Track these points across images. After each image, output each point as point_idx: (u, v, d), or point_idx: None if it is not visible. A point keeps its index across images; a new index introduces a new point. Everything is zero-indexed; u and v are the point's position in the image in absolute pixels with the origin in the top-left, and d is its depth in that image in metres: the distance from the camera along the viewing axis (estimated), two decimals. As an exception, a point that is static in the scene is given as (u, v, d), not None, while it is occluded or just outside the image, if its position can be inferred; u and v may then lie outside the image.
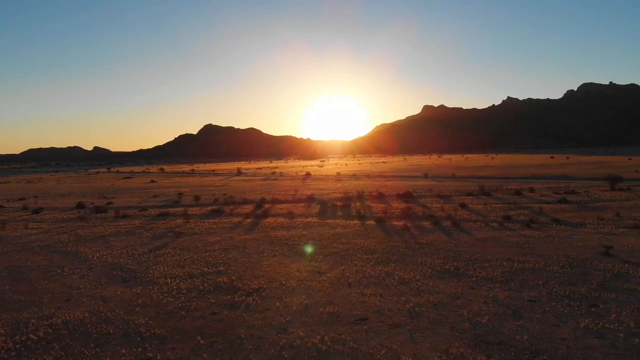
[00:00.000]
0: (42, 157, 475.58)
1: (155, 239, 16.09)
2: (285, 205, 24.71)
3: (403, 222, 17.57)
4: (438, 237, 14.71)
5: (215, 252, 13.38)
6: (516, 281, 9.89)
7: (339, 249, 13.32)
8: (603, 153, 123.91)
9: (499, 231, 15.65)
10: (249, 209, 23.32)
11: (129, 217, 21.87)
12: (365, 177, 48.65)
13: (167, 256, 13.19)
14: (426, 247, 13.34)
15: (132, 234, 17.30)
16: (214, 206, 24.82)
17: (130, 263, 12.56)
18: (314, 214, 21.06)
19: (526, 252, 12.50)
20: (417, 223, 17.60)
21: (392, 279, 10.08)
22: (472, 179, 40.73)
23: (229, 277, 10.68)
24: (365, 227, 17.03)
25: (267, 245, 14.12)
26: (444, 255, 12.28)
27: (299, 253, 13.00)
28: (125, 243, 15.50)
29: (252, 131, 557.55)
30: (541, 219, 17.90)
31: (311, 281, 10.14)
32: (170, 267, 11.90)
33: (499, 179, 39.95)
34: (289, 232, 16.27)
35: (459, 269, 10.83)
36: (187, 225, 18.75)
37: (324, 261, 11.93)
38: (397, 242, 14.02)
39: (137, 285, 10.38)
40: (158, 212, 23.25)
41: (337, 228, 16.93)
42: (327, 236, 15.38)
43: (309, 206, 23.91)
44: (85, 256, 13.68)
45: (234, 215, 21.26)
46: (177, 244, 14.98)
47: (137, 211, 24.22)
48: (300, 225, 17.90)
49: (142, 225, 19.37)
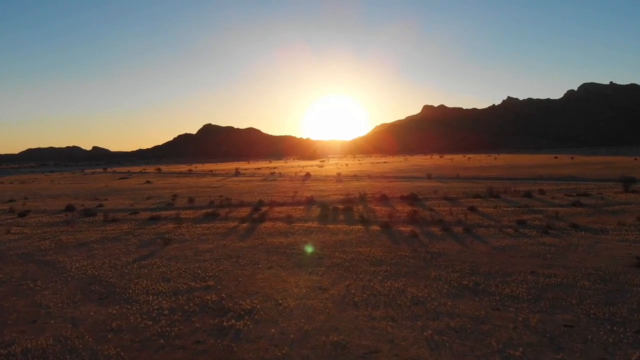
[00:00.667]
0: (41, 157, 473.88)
1: (142, 246, 14.83)
2: (283, 208, 23.46)
3: (410, 228, 16.32)
4: (450, 246, 13.46)
5: (206, 263, 12.13)
6: (546, 300, 8.65)
7: (342, 259, 12.07)
8: (605, 153, 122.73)
9: (515, 238, 14.40)
10: (245, 213, 22.07)
11: (117, 221, 20.61)
12: (367, 177, 47.40)
13: (153, 267, 11.94)
14: (438, 257, 12.09)
15: (119, 240, 16.04)
16: (209, 209, 23.56)
17: (111, 275, 11.31)
18: (314, 218, 19.81)
19: (550, 264, 11.26)
20: (426, 229, 16.35)
21: (404, 298, 8.83)
22: (477, 179, 39.51)
23: (219, 294, 9.42)
24: (369, 233, 15.78)
25: (262, 255, 12.86)
26: (460, 267, 11.03)
27: (298, 264, 11.75)
28: (110, 251, 14.24)
29: (252, 131, 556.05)
30: (558, 225, 16.66)
31: (312, 300, 8.89)
32: (154, 280, 10.64)
33: (505, 179, 38.72)
34: (287, 239, 15.01)
35: (478, 285, 9.59)
36: (178, 230, 17.50)
37: (325, 274, 10.68)
38: (405, 252, 12.77)
39: (114, 304, 9.13)
40: (149, 215, 21.99)
41: (340, 234, 15.68)
42: (329, 244, 14.13)
43: (309, 209, 22.66)
44: (63, 267, 12.43)
45: (229, 220, 20.00)
46: (165, 252, 13.72)
47: (128, 214, 22.96)
48: (300, 230, 16.65)
49: (130, 230, 18.11)
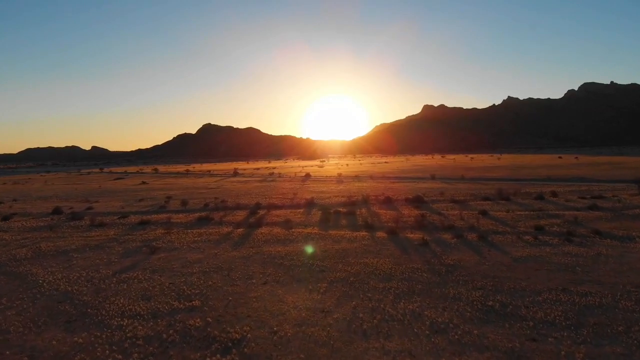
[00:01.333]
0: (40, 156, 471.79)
1: (125, 256, 13.50)
2: (282, 211, 22.13)
3: (420, 235, 15.00)
4: (466, 256, 12.14)
5: (193, 277, 10.80)
6: (588, 327, 7.35)
7: (346, 272, 10.75)
8: (609, 153, 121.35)
9: (536, 247, 13.08)
10: (241, 216, 20.74)
11: (104, 226, 19.28)
12: (369, 178, 46.04)
13: (134, 282, 10.62)
14: (455, 270, 10.77)
15: (101, 248, 14.71)
16: (203, 212, 22.23)
17: (86, 292, 9.99)
18: (315, 222, 18.49)
19: (582, 279, 9.95)
20: (437, 236, 15.03)
21: (422, 324, 7.51)
22: (483, 180, 38.18)
23: (205, 317, 8.11)
24: (375, 240, 14.46)
25: (257, 267, 11.54)
26: (481, 283, 9.71)
27: (296, 278, 10.43)
28: (89, 261, 12.92)
29: (252, 131, 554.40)
30: (580, 231, 15.35)
31: (313, 326, 7.57)
32: (133, 299, 9.32)
33: (512, 180, 37.41)
34: (286, 248, 13.69)
35: (506, 306, 8.28)
36: (167, 237, 16.17)
37: (328, 292, 9.36)
38: (417, 263, 11.45)
39: (83, 329, 7.82)
40: (139, 219, 20.66)
41: (343, 242, 14.36)
42: (331, 253, 12.80)
43: (309, 213, 21.34)
44: (35, 280, 11.11)
45: (224, 224, 18.67)
46: (149, 263, 12.39)
47: (116, 218, 21.62)
48: (299, 237, 15.33)
49: (116, 236, 16.78)
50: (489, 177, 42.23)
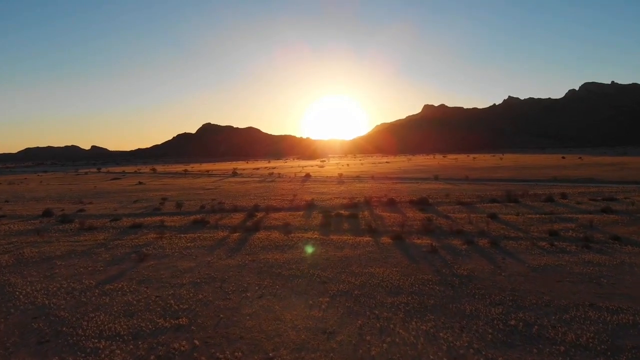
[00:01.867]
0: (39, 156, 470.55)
1: (112, 263, 12.58)
2: (281, 214, 21.21)
3: (427, 240, 14.07)
4: (480, 265, 11.22)
5: (183, 289, 9.88)
6: (626, 352, 6.46)
7: (350, 284, 9.83)
8: (613, 153, 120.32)
9: (554, 255, 12.17)
10: (238, 219, 19.82)
11: (94, 230, 18.37)
12: (370, 178, 45.09)
13: (118, 294, 9.70)
14: (469, 282, 9.85)
15: (88, 255, 13.79)
16: (198, 215, 21.32)
17: (64, 306, 9.08)
18: (315, 226, 17.57)
19: (609, 292, 9.04)
20: (445, 241, 14.10)
21: (438, 350, 6.59)
22: (488, 181, 37.24)
23: (191, 339, 7.19)
24: (380, 247, 13.53)
25: (253, 277, 10.62)
26: (499, 297, 8.80)
27: (295, 291, 9.51)
28: (73, 270, 12.00)
29: (252, 130, 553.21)
30: (597, 236, 14.44)
31: (314, 351, 6.66)
32: (114, 315, 8.41)
33: (517, 181, 36.48)
34: (284, 255, 12.77)
35: (530, 326, 7.36)
36: (158, 242, 15.24)
37: (330, 308, 8.44)
38: (427, 273, 10.53)
39: (54, 353, 6.92)
40: (131, 222, 19.75)
41: (345, 248, 13.44)
42: (333, 261, 11.89)
43: (309, 216, 20.42)
44: (12, 292, 10.20)
45: (219, 228, 17.75)
46: (137, 272, 11.47)
47: (108, 221, 20.71)
48: (299, 243, 14.41)
49: (105, 241, 15.86)
50: (494, 177, 41.30)
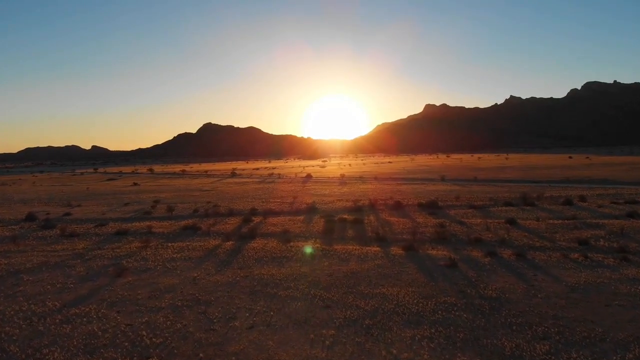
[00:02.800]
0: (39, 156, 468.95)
1: (86, 279, 11.00)
2: (280, 219, 19.63)
3: (444, 251, 12.48)
4: (509, 283, 9.61)
5: (160, 315, 8.30)
6: None
7: (359, 310, 8.23)
8: (620, 153, 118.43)
9: (591, 270, 10.56)
10: (232, 225, 18.25)
11: (75, 237, 16.80)
12: (373, 179, 43.46)
13: (82, 321, 8.12)
14: (501, 306, 8.25)
15: (61, 268, 12.22)
16: (190, 220, 19.75)
17: (16, 337, 7.51)
18: (317, 233, 15.98)
19: (675, 321, 7.42)
20: (464, 252, 12.50)
21: (482, 413, 4.98)
22: (497, 182, 35.61)
23: (160, 391, 5.60)
24: (391, 259, 11.93)
25: (244, 299, 9.03)
26: (542, 329, 7.19)
27: (294, 319, 7.92)
28: (40, 287, 10.43)
29: (252, 130, 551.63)
30: (632, 246, 12.86)
31: (316, 413, 5.05)
32: (72, 352, 6.83)
33: (528, 182, 34.84)
34: (281, 270, 11.17)
35: (593, 374, 5.75)
36: (142, 252, 13.66)
37: (337, 344, 6.84)
38: (450, 295, 8.92)
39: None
40: (117, 228, 18.20)
41: (351, 261, 11.84)
42: (338, 278, 10.29)
43: (310, 221, 18.83)
44: (-40, 316, 8.62)
45: (212, 236, 16.17)
46: (111, 291, 9.89)
47: (93, 227, 19.15)
48: (298, 254, 12.82)
49: (83, 251, 14.29)
50: (502, 178, 39.65)
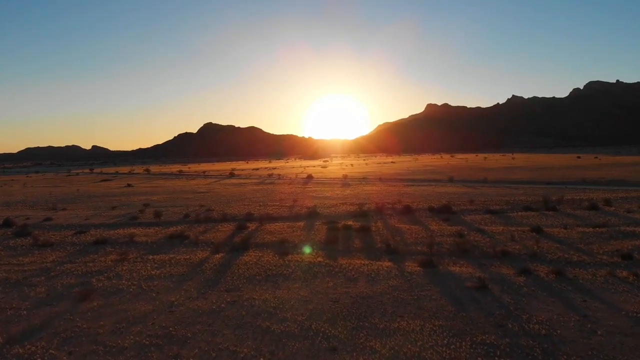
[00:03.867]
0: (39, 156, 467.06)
1: (44, 303, 9.20)
2: (278, 225, 17.81)
3: (468, 268, 10.66)
4: (557, 313, 7.77)
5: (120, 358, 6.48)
6: None
7: (374, 354, 6.40)
8: (627, 153, 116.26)
9: (651, 294, 8.71)
10: (225, 233, 16.44)
11: (49, 247, 15.02)
12: (377, 180, 41.57)
13: (18, 369, 6.32)
14: (555, 349, 6.41)
15: (20, 287, 10.42)
16: (179, 226, 17.98)
17: None
18: (319, 243, 14.15)
19: None
20: (492, 269, 10.67)
21: None
22: (509, 184, 33.71)
23: None
24: (406, 278, 10.10)
25: (228, 337, 7.21)
26: (623, 389, 5.35)
27: (290, 367, 6.09)
28: (-16, 314, 8.63)
29: (253, 130, 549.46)
30: (687, 261, 11.00)
31: None
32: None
33: (542, 184, 32.97)
34: (276, 293, 9.35)
35: None
36: (118, 267, 11.86)
37: (347, 411, 5.01)
38: (487, 331, 7.08)
39: None
40: (97, 236, 16.42)
41: (360, 281, 10.02)
42: (345, 305, 8.47)
43: (311, 228, 17.01)
44: None
45: (200, 246, 14.36)
46: (69, 321, 8.09)
47: (71, 234, 17.38)
48: (297, 271, 11.00)
49: (52, 265, 12.50)
50: (513, 179, 37.75)
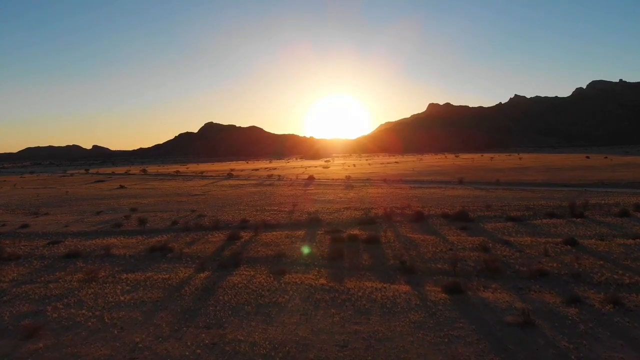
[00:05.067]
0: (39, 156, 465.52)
1: (-27, 344, 7.29)
2: (274, 234, 15.87)
3: (503, 295, 8.72)
4: (641, 371, 5.84)
5: None
6: None
7: None
8: (636, 153, 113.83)
9: None
10: (214, 244, 14.51)
11: (14, 261, 13.18)
12: (382, 182, 39.51)
13: None
14: None
15: (-44, 317, 8.52)
16: (165, 235, 16.10)
17: None
18: (321, 260, 12.21)
19: None
20: (533, 296, 8.72)
21: None
22: (524, 186, 31.66)
23: None
24: (431, 310, 8.16)
25: (200, 405, 5.29)
26: None
27: None
28: None
29: (254, 129, 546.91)
30: None
31: None
32: None
33: (559, 186, 30.96)
34: (268, 331, 7.43)
35: None
36: (82, 290, 9.96)
37: None
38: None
39: None
40: (71, 247, 14.55)
41: (373, 314, 8.08)
42: (357, 354, 6.54)
43: (313, 238, 15.08)
44: None
45: (183, 261, 12.44)
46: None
47: (44, 245, 15.50)
48: (294, 297, 9.08)
49: (9, 286, 10.63)
50: (527, 181, 35.65)
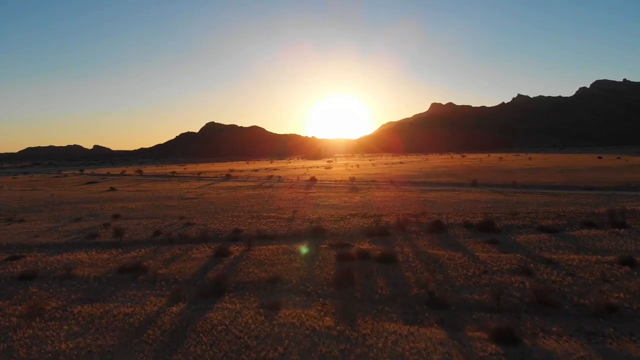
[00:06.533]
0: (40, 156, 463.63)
1: None
2: (270, 248, 13.54)
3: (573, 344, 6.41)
4: None
5: None
6: None
7: None
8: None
9: None
10: (197, 263, 12.20)
11: (-47, 284, 10.85)
12: (389, 184, 37.00)
13: None
14: None
15: None
16: (143, 249, 13.83)
17: None
18: (324, 286, 9.88)
19: None
20: (611, 345, 6.39)
21: None
22: (545, 189, 29.22)
23: None
24: (479, 371, 5.84)
25: None
26: None
27: None
28: None
29: (256, 129, 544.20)
30: None
31: None
32: None
33: (583, 190, 28.55)
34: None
35: None
36: (18, 331, 7.69)
37: None
38: None
39: None
40: (29, 266, 12.31)
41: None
42: None
43: (315, 255, 12.74)
44: None
45: (156, 286, 10.13)
46: None
47: (4, 259, 13.25)
48: (291, 351, 6.77)
49: None
50: (545, 183, 33.14)
